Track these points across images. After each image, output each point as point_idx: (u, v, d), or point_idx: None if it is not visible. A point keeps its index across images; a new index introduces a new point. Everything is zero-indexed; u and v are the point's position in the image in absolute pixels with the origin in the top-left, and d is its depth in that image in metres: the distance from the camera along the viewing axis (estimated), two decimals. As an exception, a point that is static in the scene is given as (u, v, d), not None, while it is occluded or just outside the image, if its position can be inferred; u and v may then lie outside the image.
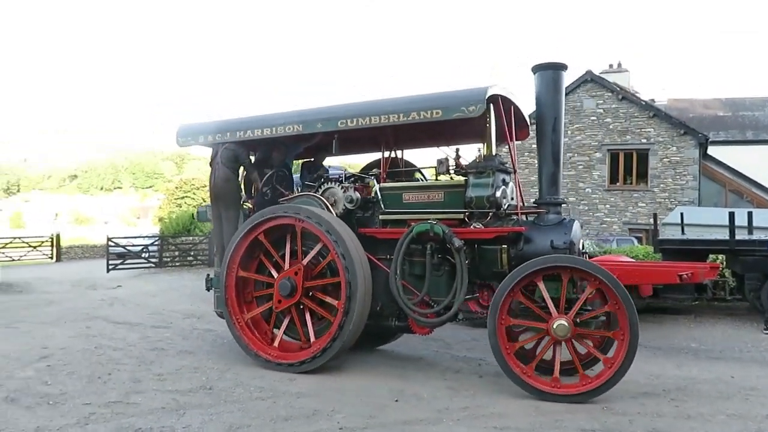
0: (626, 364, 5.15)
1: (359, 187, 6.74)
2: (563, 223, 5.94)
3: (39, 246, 25.55)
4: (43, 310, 10.71)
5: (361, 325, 6.14)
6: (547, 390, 5.29)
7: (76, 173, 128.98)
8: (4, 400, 5.10)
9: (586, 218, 21.82)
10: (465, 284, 5.80)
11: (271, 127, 6.77)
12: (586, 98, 22.10)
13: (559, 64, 6.09)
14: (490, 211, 5.95)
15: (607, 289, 5.26)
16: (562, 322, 5.29)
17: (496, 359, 5.52)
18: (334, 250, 6.04)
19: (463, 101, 5.77)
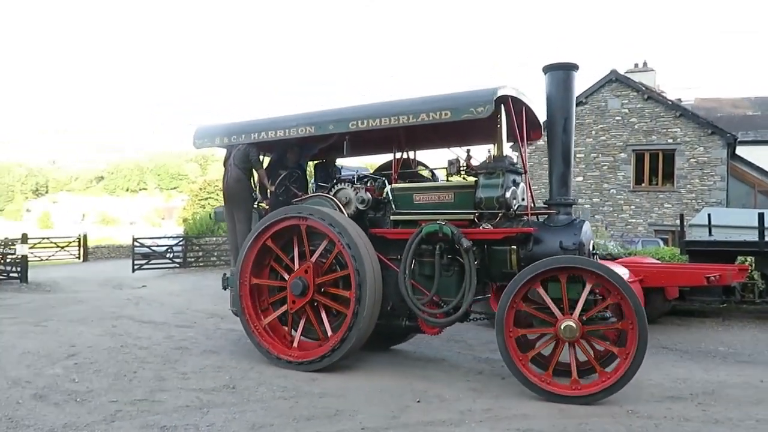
0: (640, 354, 5.11)
1: (371, 187, 6.78)
2: (573, 224, 5.90)
3: (67, 246, 26.00)
4: (70, 308, 10.89)
5: (375, 315, 6.17)
6: (568, 393, 5.26)
7: (103, 174, 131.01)
8: (33, 396, 5.19)
9: (611, 219, 21.57)
10: (473, 284, 5.80)
11: (284, 128, 6.85)
12: (611, 98, 21.85)
13: (570, 64, 6.03)
14: (499, 211, 5.95)
15: (610, 285, 5.22)
16: (569, 323, 5.26)
17: (512, 372, 5.49)
18: (340, 241, 6.10)
19: (471, 102, 5.78)
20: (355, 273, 6.00)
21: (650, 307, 9.00)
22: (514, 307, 5.47)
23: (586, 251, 5.82)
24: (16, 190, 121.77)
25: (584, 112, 22.37)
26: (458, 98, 5.92)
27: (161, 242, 23.06)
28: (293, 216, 6.43)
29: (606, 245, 11.77)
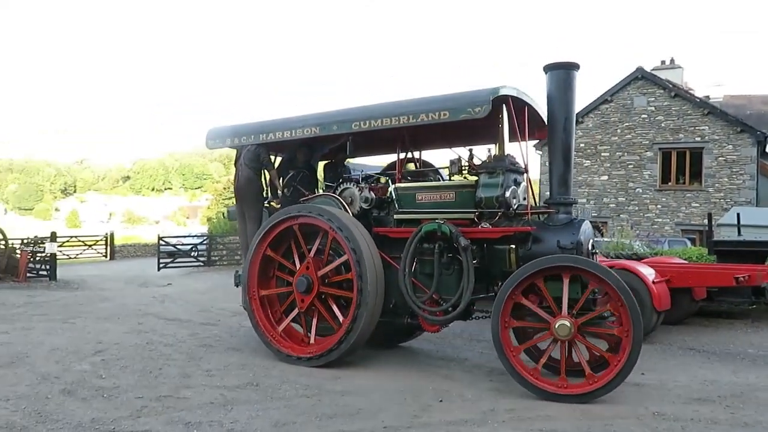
0: (631, 362, 5.10)
1: (375, 187, 6.88)
2: (572, 223, 5.90)
3: (94, 245, 26.45)
4: (98, 306, 11.08)
5: (377, 312, 6.26)
6: (554, 391, 5.27)
7: (129, 174, 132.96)
8: (61, 392, 5.29)
9: (636, 219, 21.30)
10: (471, 283, 5.83)
11: (291, 129, 7.03)
12: (637, 96, 21.56)
13: (571, 63, 5.99)
14: (499, 211, 5.98)
15: (608, 287, 5.21)
16: (564, 322, 5.28)
17: (502, 364, 5.54)
18: (331, 228, 6.29)
19: (469, 102, 5.85)
20: (357, 271, 6.11)
21: (677, 308, 8.89)
22: (513, 298, 5.52)
23: (585, 250, 5.81)
24: (45, 189, 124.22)
25: (609, 110, 22.11)
26: (456, 99, 5.99)
27: (186, 241, 23.34)
28: (284, 219, 6.62)
29: (632, 245, 11.61)
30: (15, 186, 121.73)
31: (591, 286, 5.36)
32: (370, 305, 6.12)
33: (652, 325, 8.19)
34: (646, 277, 8.15)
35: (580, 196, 22.73)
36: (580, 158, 22.79)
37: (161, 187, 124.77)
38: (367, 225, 6.59)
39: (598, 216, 22.09)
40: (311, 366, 6.34)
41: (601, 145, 22.38)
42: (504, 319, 5.51)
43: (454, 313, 5.96)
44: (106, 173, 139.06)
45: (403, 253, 6.19)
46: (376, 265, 6.25)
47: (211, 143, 7.81)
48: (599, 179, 22.38)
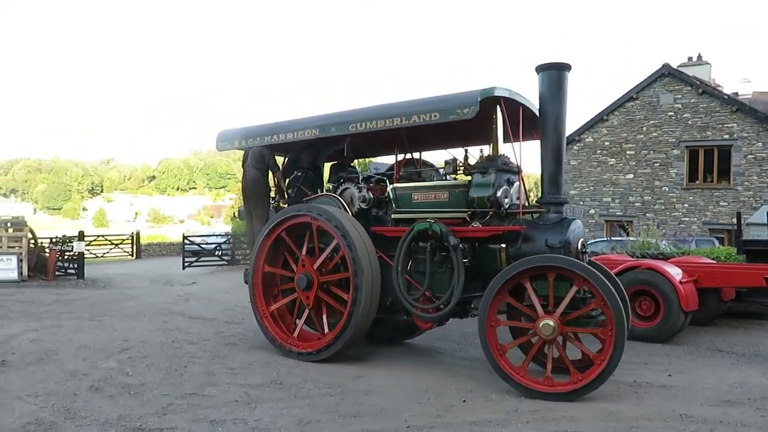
0: (614, 361, 5.16)
1: (373, 187, 7.08)
2: (561, 223, 5.93)
3: (120, 243, 26.88)
4: (124, 304, 11.25)
5: (373, 308, 6.41)
6: (540, 389, 5.33)
7: (154, 174, 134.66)
8: (89, 389, 5.37)
9: (663, 218, 20.97)
10: (461, 281, 5.90)
11: (293, 131, 7.22)
12: (663, 93, 21.22)
13: (562, 64, 6.00)
14: (490, 210, 6.06)
15: (591, 286, 5.26)
16: (548, 321, 5.34)
17: (489, 363, 5.64)
18: (320, 221, 6.55)
19: (458, 104, 5.92)
20: (353, 269, 6.27)
21: (705, 309, 8.73)
22: (500, 298, 5.62)
23: (573, 249, 5.82)
24: (73, 189, 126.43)
25: (635, 108, 21.81)
26: (446, 100, 6.07)
27: (210, 240, 23.58)
28: (306, 214, 6.78)
29: (658, 244, 11.41)
30: (44, 186, 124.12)
31: (576, 286, 5.38)
32: (366, 302, 6.26)
33: (680, 325, 8.06)
34: (673, 277, 8.03)
35: (605, 195, 22.47)
36: (605, 156, 22.52)
37: (186, 187, 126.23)
38: (367, 224, 6.75)
39: (623, 215, 21.80)
40: (312, 361, 6.54)
41: (626, 143, 22.08)
42: (490, 319, 5.60)
43: (445, 310, 6.04)
44: (132, 173, 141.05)
45: (396, 252, 6.30)
46: (371, 263, 6.38)
47: (220, 145, 8.06)
48: (624, 178, 22.08)
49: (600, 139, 22.68)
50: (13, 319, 9.09)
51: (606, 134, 22.48)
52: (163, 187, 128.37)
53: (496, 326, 5.67)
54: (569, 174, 23.43)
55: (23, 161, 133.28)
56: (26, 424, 4.42)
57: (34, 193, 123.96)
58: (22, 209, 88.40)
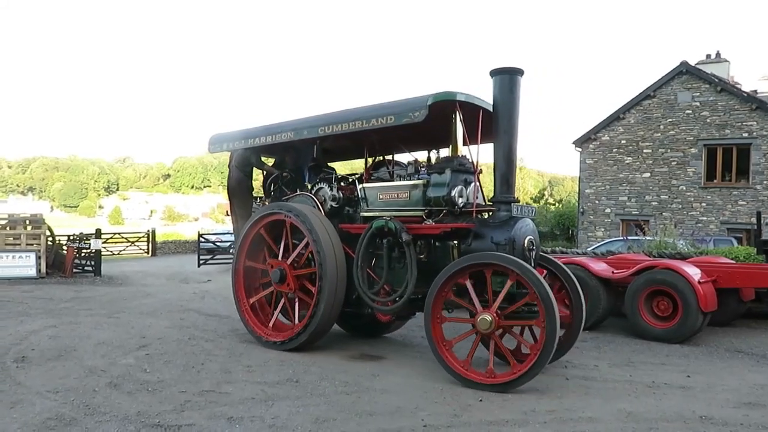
0: (546, 352, 5.36)
1: (345, 187, 7.51)
2: (508, 221, 6.13)
3: (136, 241, 27.08)
4: (141, 301, 11.34)
5: (337, 302, 6.78)
6: (481, 380, 5.58)
7: (169, 172, 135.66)
8: (108, 385, 5.42)
9: (680, 217, 20.78)
10: (414, 275, 6.19)
11: (272, 134, 7.59)
12: (681, 91, 21.03)
13: (514, 68, 6.22)
14: (444, 208, 6.34)
15: (524, 281, 5.48)
16: (484, 316, 5.59)
17: (435, 357, 5.93)
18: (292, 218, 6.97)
19: (410, 108, 6.20)
20: (318, 263, 6.67)
21: (724, 309, 8.63)
22: (440, 298, 5.93)
23: (519, 247, 5.98)
24: (89, 187, 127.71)
25: (652, 106, 21.63)
26: (401, 105, 6.35)
27: (225, 238, 23.67)
28: (280, 212, 7.20)
29: (675, 244, 11.31)
30: (61, 184, 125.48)
31: (510, 281, 5.59)
32: (330, 295, 6.65)
33: (698, 326, 7.97)
34: (691, 277, 7.94)
35: (621, 194, 22.29)
36: (621, 155, 22.35)
37: (200, 185, 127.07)
38: (340, 222, 7.19)
39: (639, 214, 21.63)
40: (283, 350, 6.97)
41: (643, 141, 21.91)
42: (435, 315, 5.91)
43: (400, 303, 6.34)
44: (148, 171, 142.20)
45: (356, 248, 6.63)
46: (337, 259, 6.73)
47: (211, 147, 8.52)
48: (641, 176, 21.91)
49: (616, 137, 22.52)
50: (33, 316, 9.20)
51: (622, 133, 22.31)
52: (178, 185, 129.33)
53: (442, 322, 5.98)
54: (585, 173, 23.30)
55: (41, 159, 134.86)
56: (47, 419, 4.47)
57: (52, 191, 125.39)
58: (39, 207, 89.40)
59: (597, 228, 22.94)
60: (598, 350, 7.56)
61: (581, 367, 6.55)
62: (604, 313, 8.88)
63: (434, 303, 5.91)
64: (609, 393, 5.51)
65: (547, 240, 30.29)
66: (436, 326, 5.92)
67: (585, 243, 21.99)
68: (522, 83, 6.25)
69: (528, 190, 53.08)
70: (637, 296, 8.29)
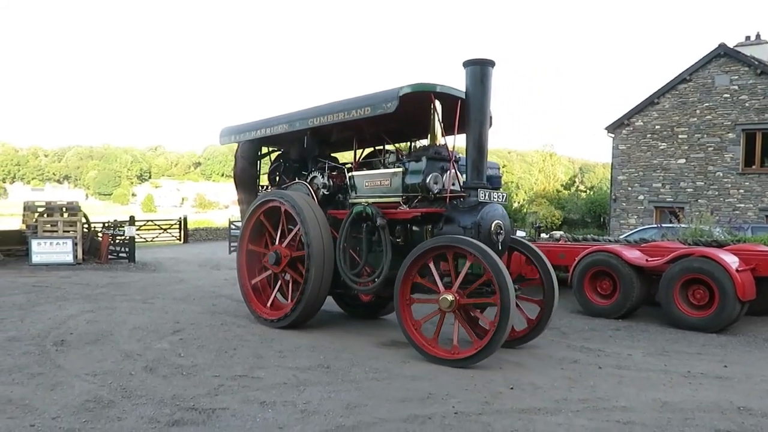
0: (501, 328, 5.63)
1: (336, 175, 7.95)
2: (476, 207, 6.43)
3: (169, 228, 27.51)
4: (174, 287, 11.54)
5: (325, 283, 7.21)
6: (448, 357, 5.90)
7: (200, 160, 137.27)
8: (143, 369, 5.53)
9: (716, 204, 20.28)
10: (389, 257, 6.63)
11: (270, 127, 8.11)
12: (719, 74, 20.45)
13: (486, 60, 6.44)
14: (419, 195, 6.74)
15: (480, 262, 5.78)
16: (445, 296, 5.94)
17: (404, 336, 6.30)
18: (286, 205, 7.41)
19: (383, 100, 6.56)
20: (306, 247, 7.11)
21: (763, 298, 8.41)
22: (408, 280, 6.32)
23: (485, 231, 6.29)
24: (122, 175, 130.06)
25: (688, 90, 21.10)
26: (376, 97, 6.71)
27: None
28: (276, 199, 7.66)
29: (711, 231, 11.03)
30: (95, 172, 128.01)
31: (469, 261, 5.94)
32: (317, 277, 7.09)
33: (736, 315, 7.79)
34: (729, 266, 7.75)
35: (655, 181, 21.85)
36: (655, 141, 21.88)
37: (230, 173, 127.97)
38: (332, 208, 7.67)
39: (674, 201, 21.18)
40: (277, 327, 7.43)
41: (678, 126, 21.40)
42: (404, 296, 6.32)
43: (377, 283, 6.77)
44: (179, 159, 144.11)
45: (339, 232, 7.13)
46: (324, 243, 7.16)
47: (221, 139, 9.22)
48: (676, 162, 21.44)
49: (650, 122, 22.04)
50: (71, 301, 9.43)
51: (657, 118, 21.83)
52: (209, 173, 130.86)
53: (411, 303, 6.39)
54: (617, 159, 22.88)
55: (75, 148, 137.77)
56: (86, 401, 4.58)
57: (86, 180, 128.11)
58: (74, 195, 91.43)
59: (630, 215, 22.55)
60: (631, 339, 7.45)
61: (614, 356, 6.47)
62: (637, 302, 8.75)
63: (402, 285, 6.29)
64: (643, 382, 5.43)
65: (578, 227, 29.92)
66: (405, 307, 6.31)
67: (617, 230, 21.64)
68: (493, 74, 6.50)
69: (558, 176, 52.37)
70: (672, 284, 8.13)
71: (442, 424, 4.26)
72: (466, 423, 4.29)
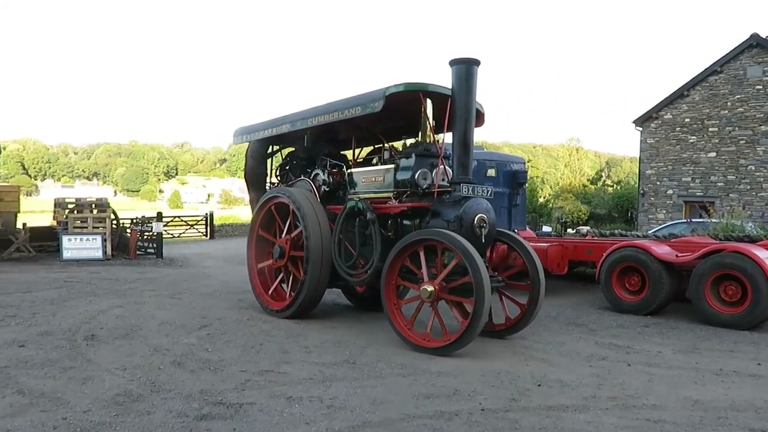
0: (475, 320, 5.80)
1: (336, 172, 8.23)
2: (460, 201, 6.62)
3: (195, 224, 27.80)
4: (201, 282, 11.66)
5: (323, 275, 7.53)
6: (420, 343, 6.18)
7: (225, 157, 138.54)
8: (172, 363, 5.60)
9: (748, 198, 19.83)
10: (379, 250, 6.90)
11: (275, 127, 8.51)
12: (751, 65, 19.97)
13: (471, 59, 6.63)
14: (408, 190, 7.02)
15: (457, 255, 5.98)
16: (425, 286, 6.19)
17: (387, 318, 6.59)
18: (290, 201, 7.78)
19: (371, 100, 6.86)
20: (305, 241, 7.47)
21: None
22: (394, 271, 6.64)
23: (467, 224, 6.48)
24: (150, 172, 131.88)
25: (719, 82, 20.65)
26: (366, 97, 7.01)
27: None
28: (283, 195, 8.05)
29: (743, 226, 10.78)
30: (123, 169, 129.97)
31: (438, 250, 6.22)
32: (315, 270, 7.42)
33: (769, 312, 7.60)
34: (762, 261, 7.56)
35: (685, 175, 21.45)
36: (684, 134, 21.48)
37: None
38: (336, 204, 7.91)
39: (704, 195, 20.77)
40: (279, 317, 7.80)
41: (708, 119, 20.96)
42: (389, 285, 6.62)
43: (368, 275, 7.05)
44: (205, 156, 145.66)
45: (334, 226, 7.44)
46: (323, 237, 7.48)
47: (234, 139, 9.67)
48: (706, 156, 21.01)
49: (680, 115, 21.63)
50: (100, 296, 9.59)
51: (686, 110, 21.42)
52: (234, 170, 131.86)
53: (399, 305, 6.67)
54: (646, 153, 22.51)
55: (104, 146, 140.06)
56: (116, 395, 4.65)
57: (115, 176, 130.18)
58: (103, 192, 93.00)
59: (658, 210, 22.18)
60: (661, 336, 7.33)
61: (644, 353, 6.37)
62: (666, 298, 8.59)
63: (387, 276, 6.61)
64: (674, 380, 5.34)
65: (605, 223, 29.52)
66: (391, 297, 6.61)
67: (645, 226, 21.30)
68: (478, 73, 6.68)
69: (585, 171, 51.76)
70: (703, 281, 7.97)
71: (469, 420, 4.23)
72: (493, 420, 4.26)
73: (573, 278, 11.68)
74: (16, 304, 8.67)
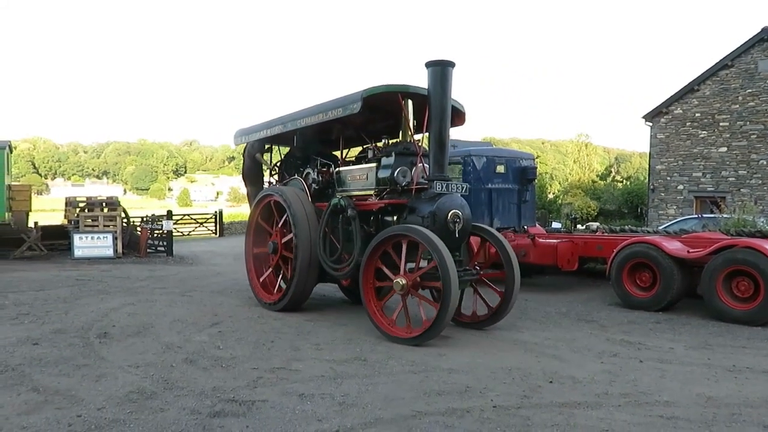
0: (443, 310, 6.11)
1: (325, 171, 8.45)
2: (434, 198, 6.85)
3: (204, 222, 27.90)
4: (211, 280, 11.71)
5: (312, 270, 7.86)
6: (403, 336, 6.44)
7: (234, 155, 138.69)
8: (184, 361, 5.63)
9: (760, 193, 19.66)
10: (359, 245, 7.19)
11: (270, 128, 8.85)
12: (762, 59, 19.75)
13: (447, 61, 6.85)
14: (388, 187, 7.29)
15: (425, 248, 6.31)
16: (398, 280, 6.50)
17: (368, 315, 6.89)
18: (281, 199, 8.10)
19: (350, 102, 7.17)
20: (294, 236, 7.81)
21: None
22: (371, 266, 6.89)
23: (440, 220, 6.71)
24: (159, 170, 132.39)
25: (730, 76, 20.45)
26: (346, 99, 7.30)
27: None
28: (276, 194, 8.37)
29: (755, 222, 10.70)
30: (132, 168, 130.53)
31: (421, 248, 6.44)
32: (303, 265, 7.75)
33: (782, 308, 7.54)
34: (775, 257, 7.50)
35: (695, 170, 21.30)
36: (695, 129, 21.31)
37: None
38: (323, 201, 8.09)
39: (715, 191, 20.63)
40: (272, 310, 8.17)
41: (719, 114, 20.78)
42: (367, 281, 6.90)
43: (350, 269, 7.32)
44: (213, 154, 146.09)
45: (320, 223, 7.75)
46: (311, 234, 7.80)
47: (235, 140, 10.09)
48: (717, 151, 20.84)
49: (690, 110, 21.46)
50: (112, 294, 9.65)
51: (697, 105, 21.25)
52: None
53: (374, 286, 6.97)
54: (656, 148, 22.37)
55: (113, 144, 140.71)
56: (129, 392, 4.68)
57: (124, 175, 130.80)
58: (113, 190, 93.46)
59: (668, 206, 22.04)
60: (673, 332, 7.29)
61: (656, 350, 6.34)
62: (678, 294, 8.54)
63: (365, 271, 6.89)
64: (686, 376, 5.32)
65: (615, 219, 29.36)
66: (369, 290, 6.89)
67: (655, 221, 21.17)
68: (453, 74, 6.88)
69: (594, 166, 51.50)
70: (714, 276, 7.92)
71: (481, 417, 4.23)
72: (505, 417, 4.26)
73: (583, 274, 11.65)
74: (29, 302, 8.75)
